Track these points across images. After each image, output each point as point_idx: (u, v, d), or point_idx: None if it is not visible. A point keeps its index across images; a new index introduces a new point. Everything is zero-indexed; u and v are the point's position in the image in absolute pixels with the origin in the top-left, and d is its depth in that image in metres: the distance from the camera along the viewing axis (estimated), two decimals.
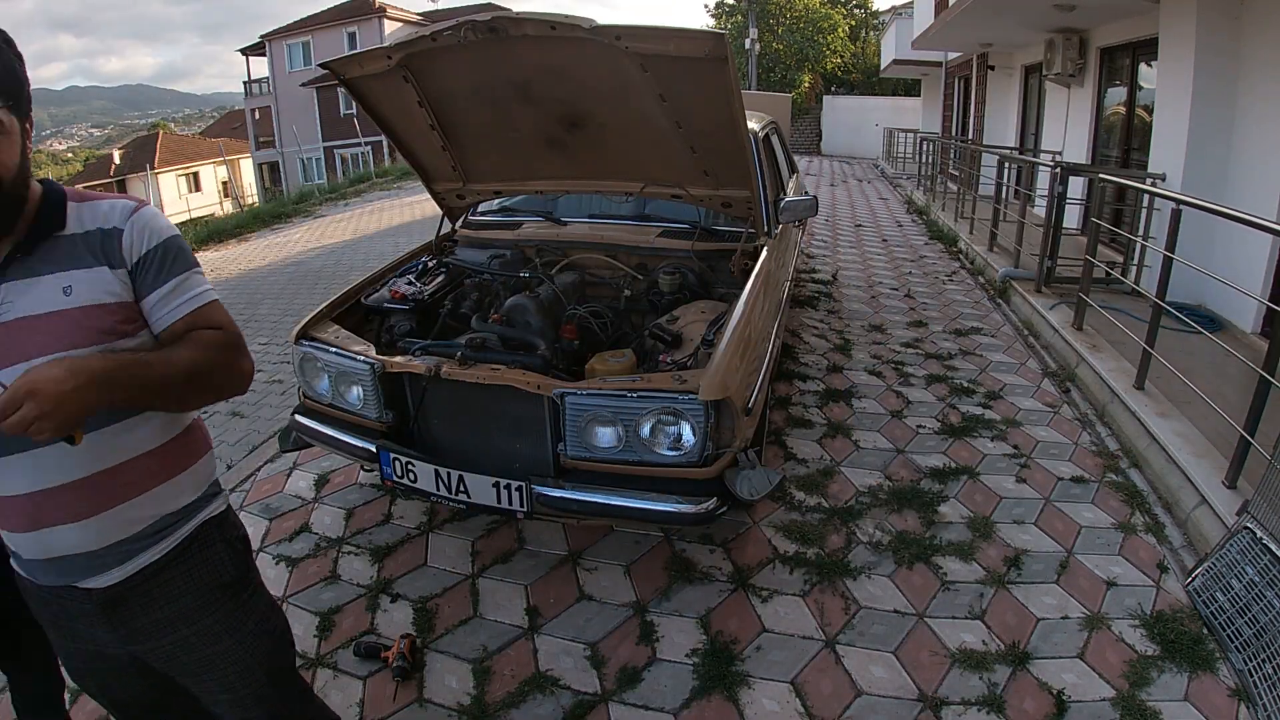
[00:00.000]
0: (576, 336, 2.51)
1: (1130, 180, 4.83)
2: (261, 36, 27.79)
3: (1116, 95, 7.16)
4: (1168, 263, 3.29)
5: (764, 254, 2.82)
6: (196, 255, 0.55)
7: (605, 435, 2.01)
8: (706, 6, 31.90)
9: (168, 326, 1.06)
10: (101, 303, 1.00)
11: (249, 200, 21.77)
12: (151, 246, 1.05)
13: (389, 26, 24.77)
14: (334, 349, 2.30)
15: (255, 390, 4.28)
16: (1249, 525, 2.26)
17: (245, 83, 29.24)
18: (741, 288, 2.50)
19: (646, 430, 1.98)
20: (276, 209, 12.22)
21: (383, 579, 2.41)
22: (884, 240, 8.16)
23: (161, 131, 38.24)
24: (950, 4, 8.86)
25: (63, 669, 1.45)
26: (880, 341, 4.66)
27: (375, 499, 2.89)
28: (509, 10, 2.41)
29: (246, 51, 28.80)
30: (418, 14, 27.11)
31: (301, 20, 27.34)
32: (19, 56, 0.97)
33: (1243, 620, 2.08)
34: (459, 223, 3.36)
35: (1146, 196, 4.60)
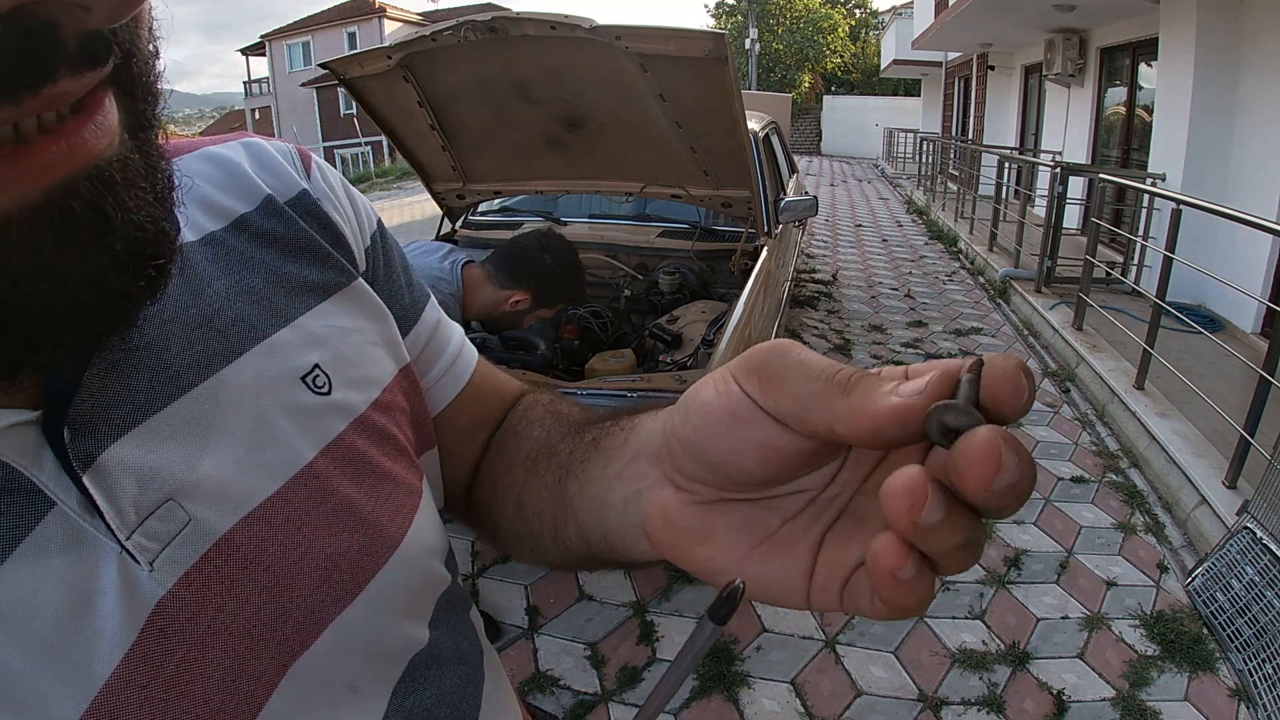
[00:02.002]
0: (576, 336, 2.51)
1: (1130, 180, 4.83)
2: (261, 36, 27.82)
3: (1116, 95, 7.16)
4: (1168, 263, 3.29)
5: (764, 254, 2.82)
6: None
7: None
8: (706, 6, 31.95)
9: None
10: None
11: None
12: None
13: (389, 26, 24.79)
14: None
15: None
16: (1249, 525, 2.26)
17: (245, 83, 29.28)
18: (741, 288, 2.50)
19: None
20: None
21: None
22: (884, 240, 8.16)
23: (161, 132, 38.18)
24: (950, 4, 8.87)
25: None
26: (880, 341, 4.66)
27: None
28: (509, 10, 2.41)
29: (246, 51, 28.83)
30: (418, 14, 27.12)
31: (301, 20, 27.36)
32: None
33: (1243, 620, 2.08)
34: (459, 223, 3.37)
35: (1146, 196, 4.60)
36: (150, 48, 0.24)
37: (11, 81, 0.19)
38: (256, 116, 28.99)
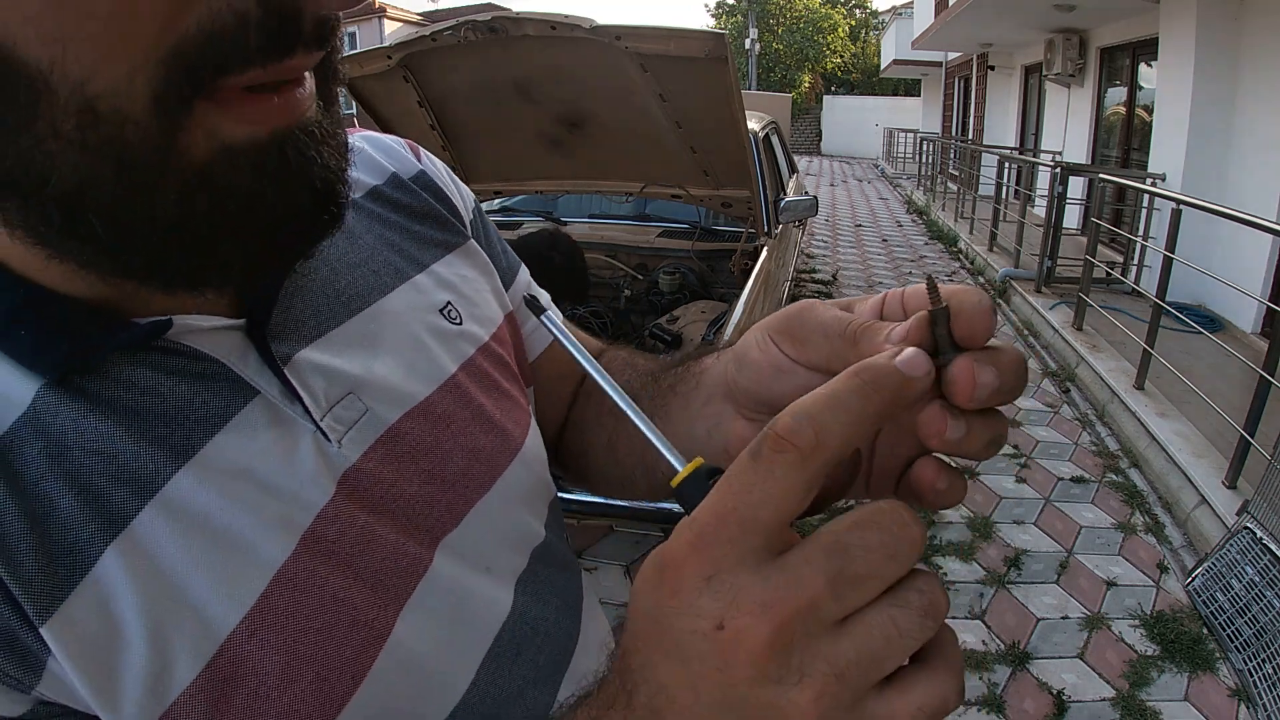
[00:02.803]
0: None
1: (1130, 180, 4.83)
2: None
3: (1116, 95, 7.16)
4: (1168, 263, 3.29)
5: (764, 254, 2.82)
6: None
7: None
8: (706, 6, 31.95)
9: None
10: None
11: None
12: None
13: (389, 26, 24.78)
14: None
15: None
16: (1249, 525, 2.26)
17: None
18: (741, 288, 2.50)
19: None
20: None
21: None
22: (884, 240, 8.16)
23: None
24: (950, 4, 8.87)
25: None
26: None
27: None
28: (509, 10, 2.41)
29: None
30: (418, 14, 27.11)
31: None
32: None
33: (1243, 620, 2.08)
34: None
35: (1146, 196, 4.60)
36: (341, 40, 0.29)
37: (264, 49, 0.25)
38: None
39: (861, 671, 0.21)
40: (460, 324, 0.44)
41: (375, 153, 0.48)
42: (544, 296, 0.55)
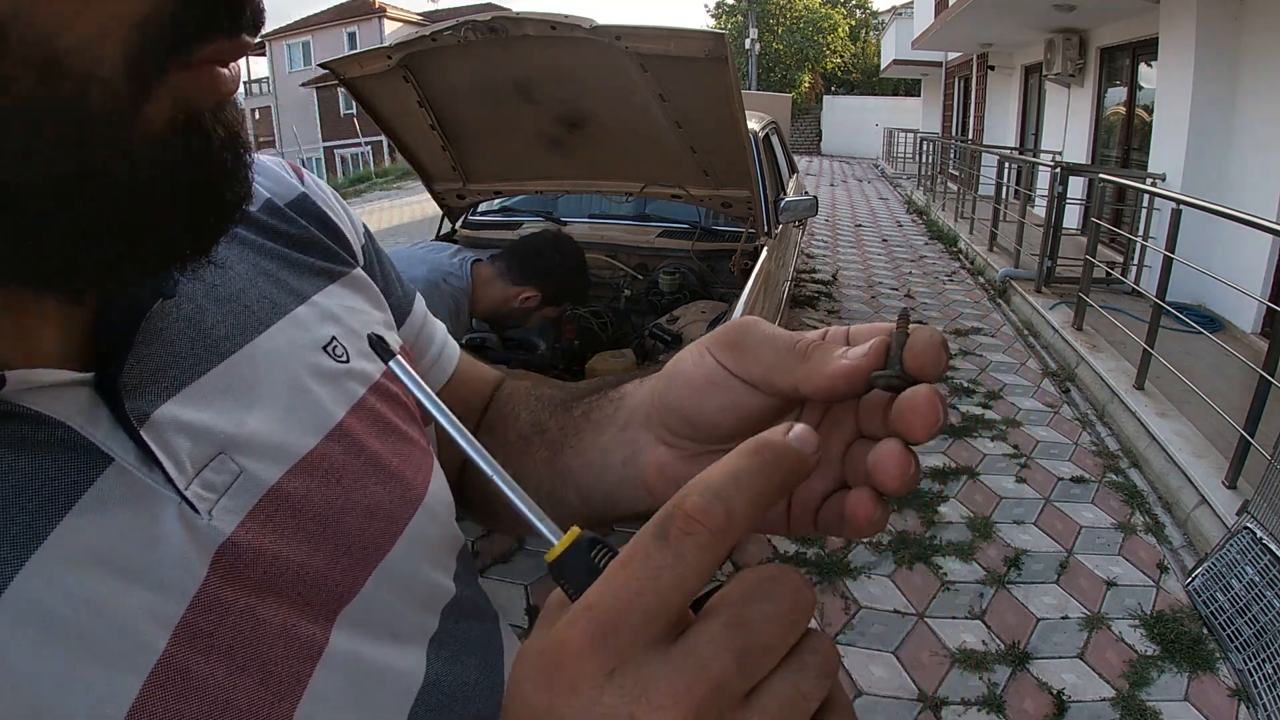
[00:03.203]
0: (576, 336, 2.51)
1: (1130, 180, 4.83)
2: (261, 36, 27.61)
3: (1116, 95, 7.16)
4: (1168, 263, 3.29)
5: (764, 254, 2.82)
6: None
7: None
8: (706, 6, 31.96)
9: None
10: None
11: None
12: None
13: (389, 26, 24.79)
14: None
15: None
16: (1249, 525, 2.26)
17: (245, 83, 29.25)
18: (741, 288, 2.50)
19: None
20: None
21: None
22: (884, 240, 8.16)
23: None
24: (950, 4, 8.87)
25: None
26: None
27: None
28: (509, 10, 2.42)
29: (246, 51, 28.81)
30: (418, 14, 27.12)
31: (301, 20, 27.37)
32: None
33: (1243, 620, 2.08)
34: (459, 223, 3.37)
35: (1146, 196, 4.60)
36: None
37: (233, 18, 0.24)
38: (256, 116, 28.99)
39: None
40: (347, 361, 0.39)
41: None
42: (395, 342, 0.49)
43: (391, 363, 0.29)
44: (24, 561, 0.25)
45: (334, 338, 0.39)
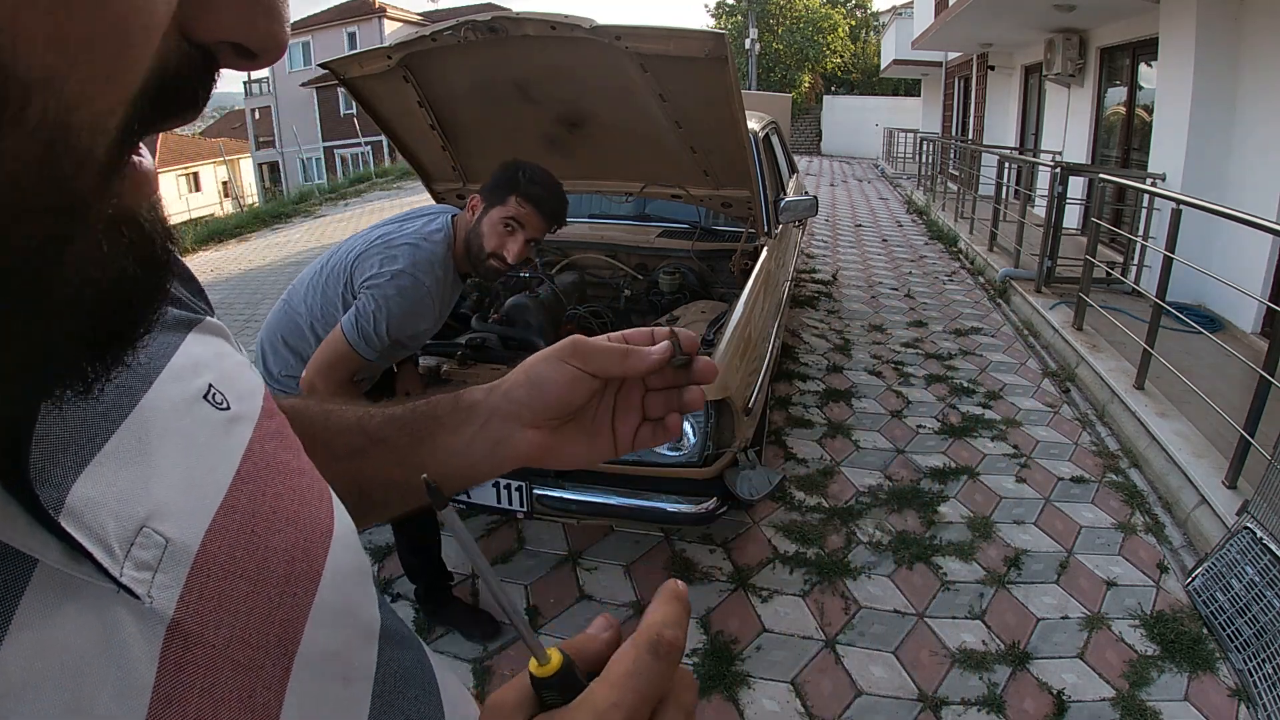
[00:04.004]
0: None
1: (1130, 180, 4.83)
2: None
3: (1116, 95, 7.16)
4: (1168, 263, 3.29)
5: (764, 254, 2.82)
6: (197, 255, 0.47)
7: None
8: (706, 6, 31.94)
9: None
10: None
11: (249, 200, 21.77)
12: None
13: (389, 26, 24.77)
14: None
15: None
16: (1249, 525, 2.26)
17: (245, 83, 29.26)
18: (741, 288, 2.50)
19: None
20: (276, 209, 12.22)
21: (382, 579, 2.41)
22: (884, 240, 8.16)
23: (160, 132, 38.20)
24: (950, 4, 8.87)
25: None
26: (880, 341, 4.66)
27: None
28: (509, 10, 2.41)
29: None
30: (418, 14, 27.10)
31: (301, 20, 27.35)
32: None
33: (1243, 620, 2.08)
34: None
35: (1146, 196, 4.60)
36: None
37: (188, 105, 0.23)
38: (256, 116, 28.98)
39: None
40: (228, 408, 0.38)
41: None
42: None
43: (444, 512, 0.35)
44: None
45: (210, 385, 0.38)
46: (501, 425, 0.52)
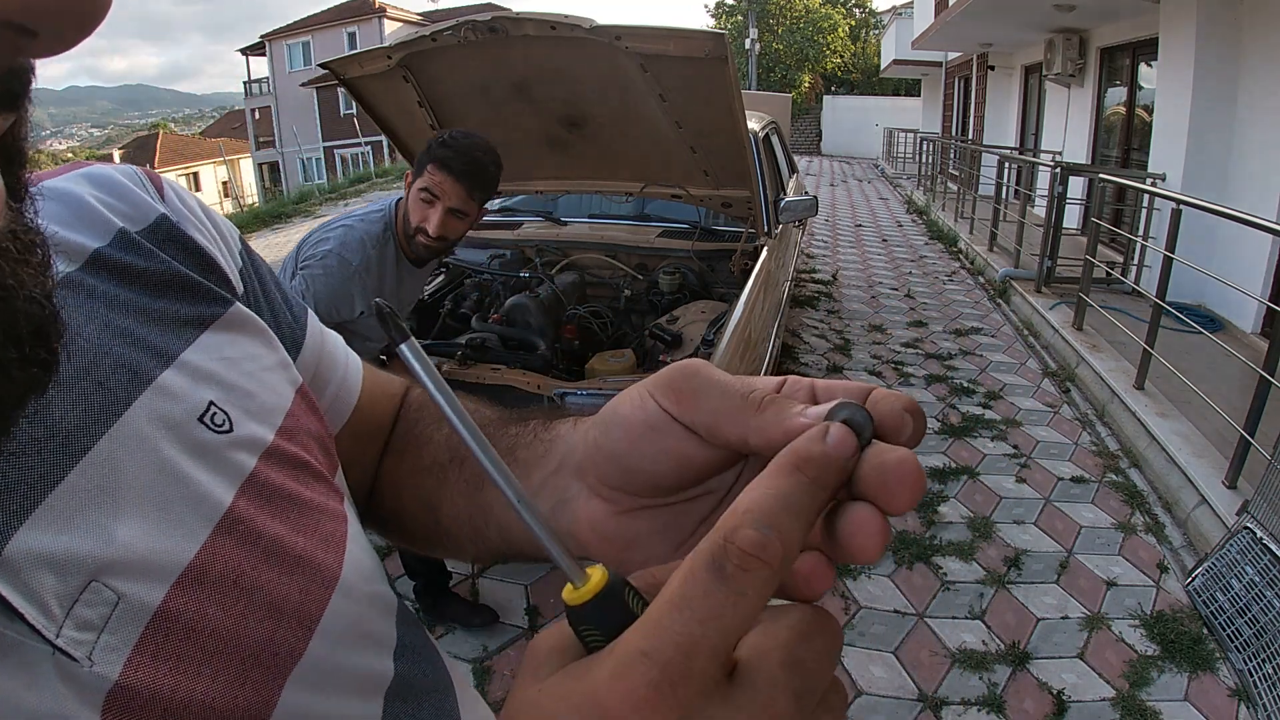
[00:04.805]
0: (576, 336, 2.51)
1: (1130, 180, 4.83)
2: (262, 36, 27.81)
3: (1116, 95, 7.16)
4: (1168, 263, 3.29)
5: (764, 254, 2.82)
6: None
7: None
8: (706, 6, 31.94)
9: None
10: None
11: (249, 200, 21.77)
12: None
13: (389, 26, 24.78)
14: None
15: None
16: (1249, 525, 2.26)
17: (245, 83, 29.27)
18: (741, 288, 2.50)
19: None
20: (276, 209, 12.21)
21: None
22: (884, 240, 8.16)
23: (161, 131, 38.32)
24: (950, 4, 8.87)
25: None
26: (880, 341, 4.66)
27: None
28: (509, 10, 2.41)
29: (246, 51, 28.83)
30: (418, 14, 27.11)
31: (301, 20, 27.36)
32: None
33: (1243, 620, 2.08)
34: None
35: (1146, 196, 4.60)
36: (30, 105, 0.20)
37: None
38: (256, 116, 28.99)
39: None
40: (230, 430, 0.33)
41: (99, 199, 0.34)
42: (339, 342, 0.44)
43: (404, 346, 0.24)
44: None
45: (211, 403, 0.33)
46: (571, 479, 0.35)
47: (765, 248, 2.88)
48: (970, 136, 12.41)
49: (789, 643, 0.21)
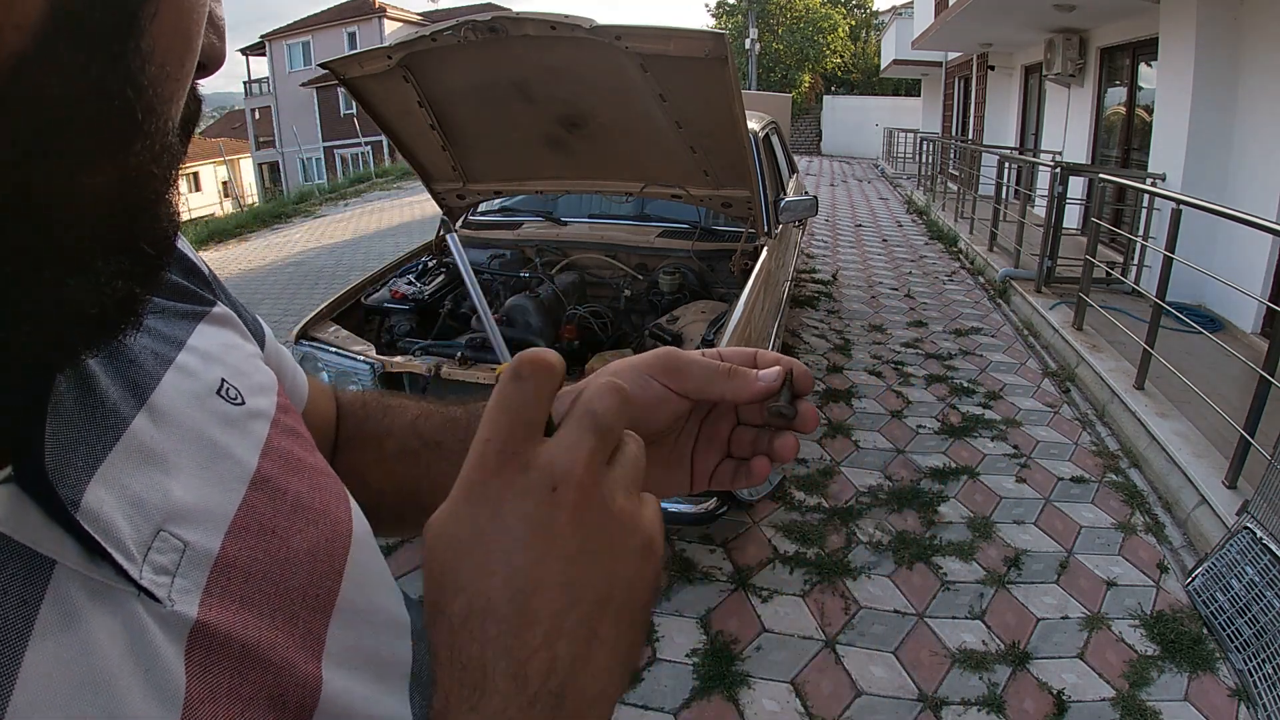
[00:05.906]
0: (576, 336, 2.51)
1: (1130, 180, 4.83)
2: (261, 36, 27.79)
3: (1116, 95, 7.16)
4: (1168, 263, 3.29)
5: (764, 254, 2.82)
6: (197, 255, 0.43)
7: None
8: (707, 6, 31.94)
9: None
10: None
11: (249, 200, 21.77)
12: None
13: (389, 26, 24.77)
14: (334, 349, 2.31)
15: None
16: (1249, 525, 2.26)
17: (245, 83, 29.25)
18: (741, 288, 2.50)
19: None
20: (276, 209, 12.21)
21: None
22: (884, 240, 8.16)
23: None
24: (950, 4, 8.87)
25: None
26: (880, 341, 4.66)
27: None
28: (509, 10, 2.42)
29: (246, 51, 28.81)
30: (418, 14, 27.10)
31: (301, 20, 27.34)
32: None
33: (1243, 620, 2.08)
34: (459, 223, 3.37)
35: (1146, 196, 4.60)
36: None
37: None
38: (256, 116, 28.98)
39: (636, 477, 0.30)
40: (242, 403, 0.37)
41: None
42: (286, 350, 0.50)
43: (450, 236, 0.34)
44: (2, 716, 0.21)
45: (223, 379, 0.37)
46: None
47: (765, 248, 2.88)
48: (970, 136, 12.41)
49: (585, 401, 0.29)
